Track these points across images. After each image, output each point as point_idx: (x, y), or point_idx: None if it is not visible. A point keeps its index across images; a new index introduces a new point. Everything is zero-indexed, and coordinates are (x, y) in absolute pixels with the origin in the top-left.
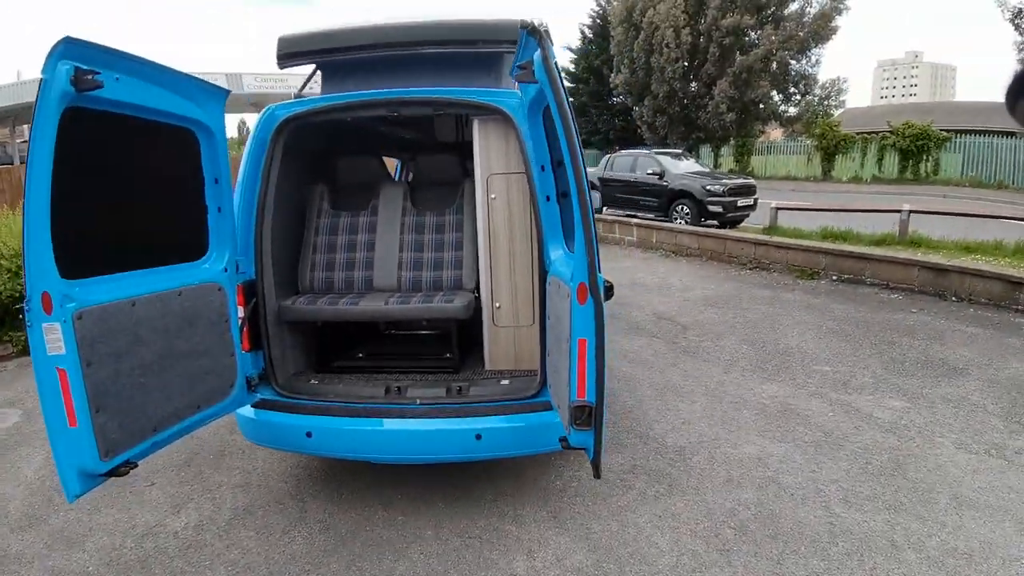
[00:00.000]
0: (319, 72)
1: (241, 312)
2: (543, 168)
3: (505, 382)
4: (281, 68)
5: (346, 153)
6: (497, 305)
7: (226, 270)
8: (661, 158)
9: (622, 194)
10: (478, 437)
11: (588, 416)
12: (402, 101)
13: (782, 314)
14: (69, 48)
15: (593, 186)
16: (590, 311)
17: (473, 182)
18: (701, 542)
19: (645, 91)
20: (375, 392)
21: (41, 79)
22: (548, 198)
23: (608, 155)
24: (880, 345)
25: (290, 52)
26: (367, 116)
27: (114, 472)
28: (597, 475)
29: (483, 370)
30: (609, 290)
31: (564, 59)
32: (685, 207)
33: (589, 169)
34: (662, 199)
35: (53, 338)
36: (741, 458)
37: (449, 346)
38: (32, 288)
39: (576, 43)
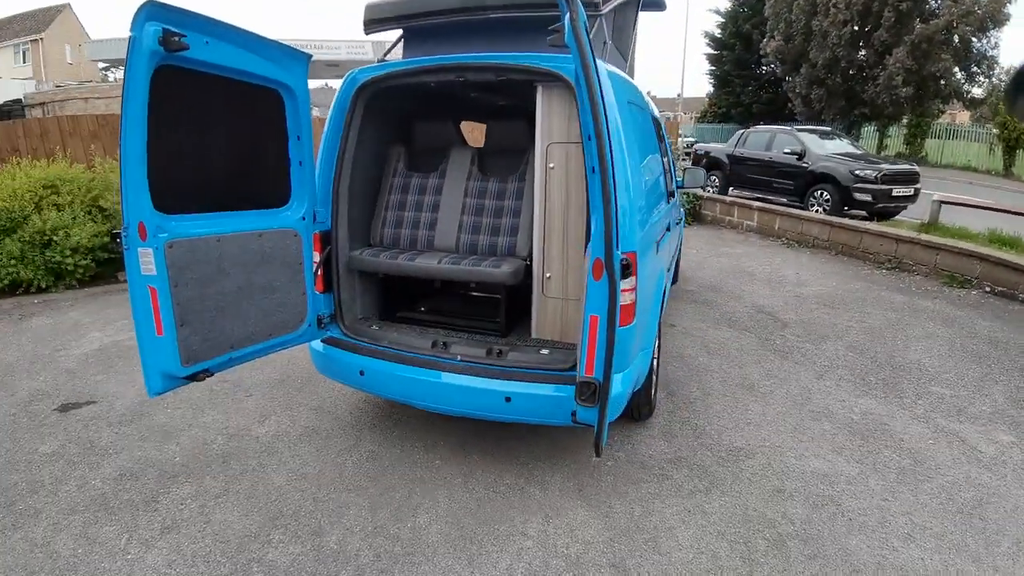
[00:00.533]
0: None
1: (316, 258)
2: (589, 138)
3: (545, 352)
4: (367, 34)
5: (422, 117)
6: (548, 275)
7: (303, 219)
8: (803, 136)
9: (754, 175)
10: (507, 400)
11: (593, 393)
12: (465, 67)
13: (911, 324)
14: (154, 10)
15: (716, 164)
16: (604, 288)
17: (534, 150)
18: (726, 545)
19: (801, 59)
20: (424, 344)
21: (130, 37)
22: (593, 169)
23: (741, 131)
24: (1014, 372)
25: (375, 18)
26: (436, 80)
27: (193, 377)
28: (597, 453)
29: (528, 338)
30: (676, 273)
31: (711, 23)
32: (825, 193)
33: (717, 145)
34: (799, 182)
35: (146, 261)
36: (803, 471)
37: (499, 310)
38: (129, 218)
39: (726, 5)
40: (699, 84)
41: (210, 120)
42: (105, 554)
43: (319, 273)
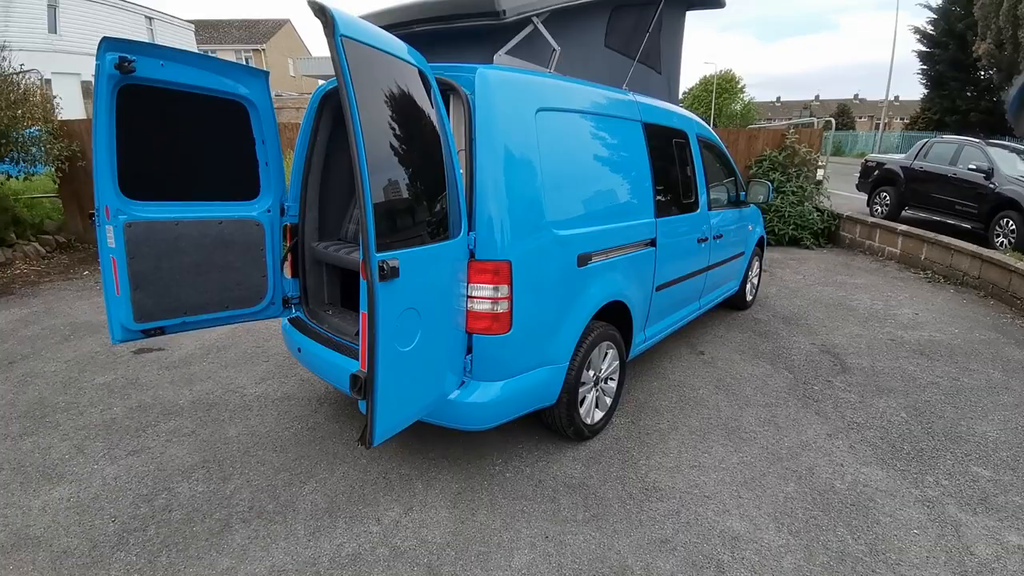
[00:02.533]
0: None
1: (286, 246)
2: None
3: None
4: None
5: None
6: None
7: (268, 211)
8: (993, 151)
9: (933, 193)
10: None
11: (360, 386)
12: None
13: (1015, 388)
14: (110, 43)
15: (888, 178)
16: (364, 288)
17: None
18: (585, 568)
19: (1014, 68)
20: (349, 329)
21: (96, 63)
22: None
23: (924, 139)
24: None
25: None
26: None
27: (147, 332)
28: (363, 444)
29: None
30: (741, 298)
31: (921, 18)
32: (1011, 222)
33: (893, 156)
34: (983, 206)
35: (109, 237)
36: (712, 528)
37: None
38: (99, 202)
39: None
40: (915, 87)
41: (177, 126)
42: (83, 462)
43: (288, 259)
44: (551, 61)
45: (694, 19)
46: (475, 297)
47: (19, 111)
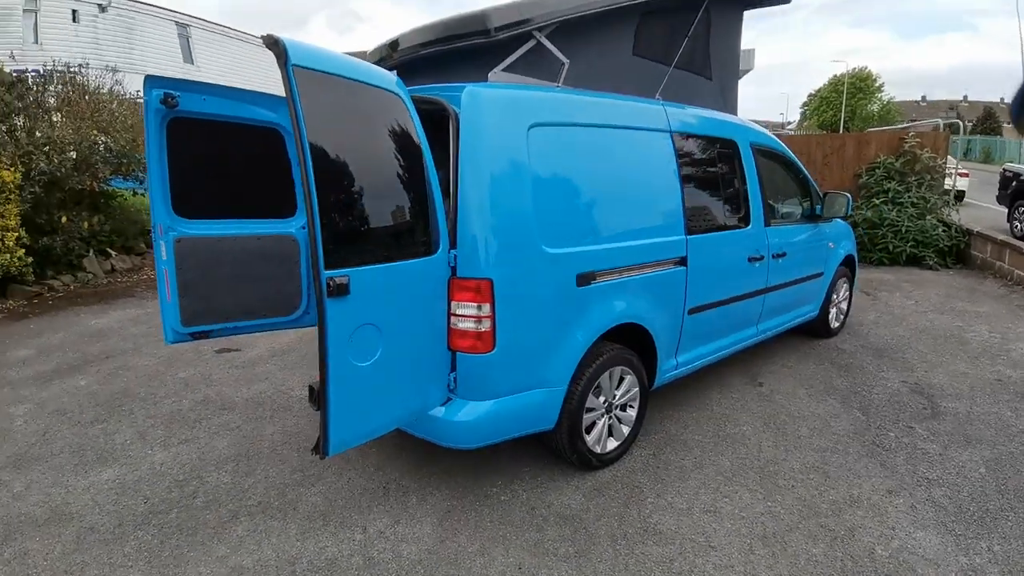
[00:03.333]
0: None
1: None
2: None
3: None
4: None
5: None
6: None
7: (304, 228)
8: None
9: None
10: None
11: (315, 398)
12: None
13: None
14: (155, 80)
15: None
16: (316, 305)
17: None
18: None
19: None
20: None
21: (144, 99)
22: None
23: None
24: None
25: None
26: None
27: (195, 336)
28: (316, 453)
29: None
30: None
31: None
32: None
33: (1019, 166)
34: None
35: (163, 251)
36: None
37: None
38: (155, 221)
39: None
40: None
41: (220, 152)
42: (139, 447)
43: None
44: (560, 75)
45: (817, 16)
46: (458, 315)
47: (140, 137)
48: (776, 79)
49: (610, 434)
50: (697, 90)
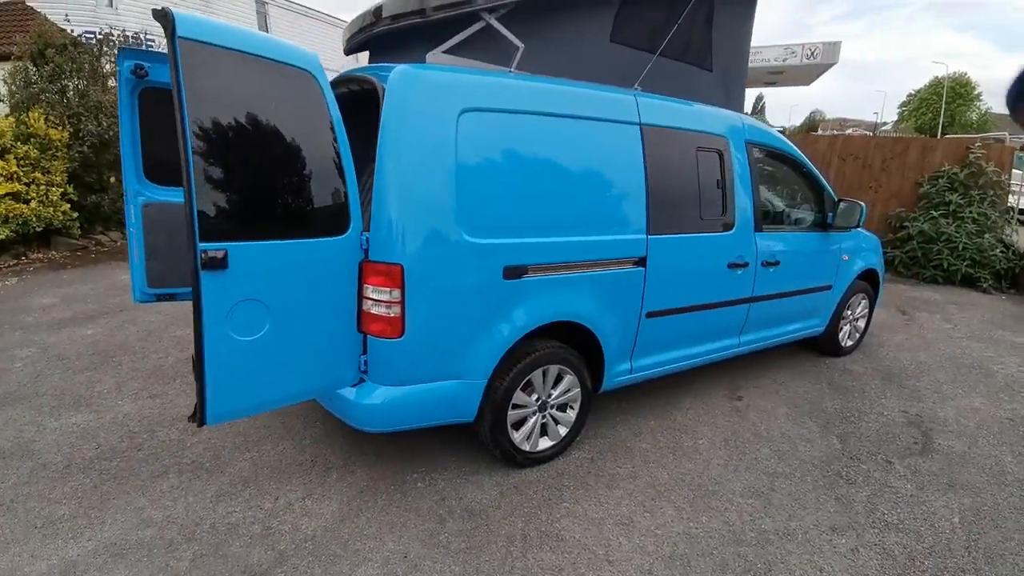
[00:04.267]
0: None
1: None
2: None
3: None
4: (348, 55)
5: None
6: None
7: None
8: None
9: None
10: None
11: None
12: (347, 79)
13: None
14: (127, 54)
15: None
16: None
17: None
18: None
19: None
20: None
21: (116, 69)
22: None
23: None
24: None
25: (346, 47)
26: (340, 94)
27: (159, 297)
28: (193, 421)
29: None
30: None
31: None
32: None
33: None
34: None
35: (131, 214)
36: None
37: None
38: (125, 186)
39: None
40: None
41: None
42: (113, 397)
43: None
44: (513, 60)
45: (923, 14)
46: (369, 298)
47: None
48: (871, 76)
49: (544, 433)
50: (693, 82)
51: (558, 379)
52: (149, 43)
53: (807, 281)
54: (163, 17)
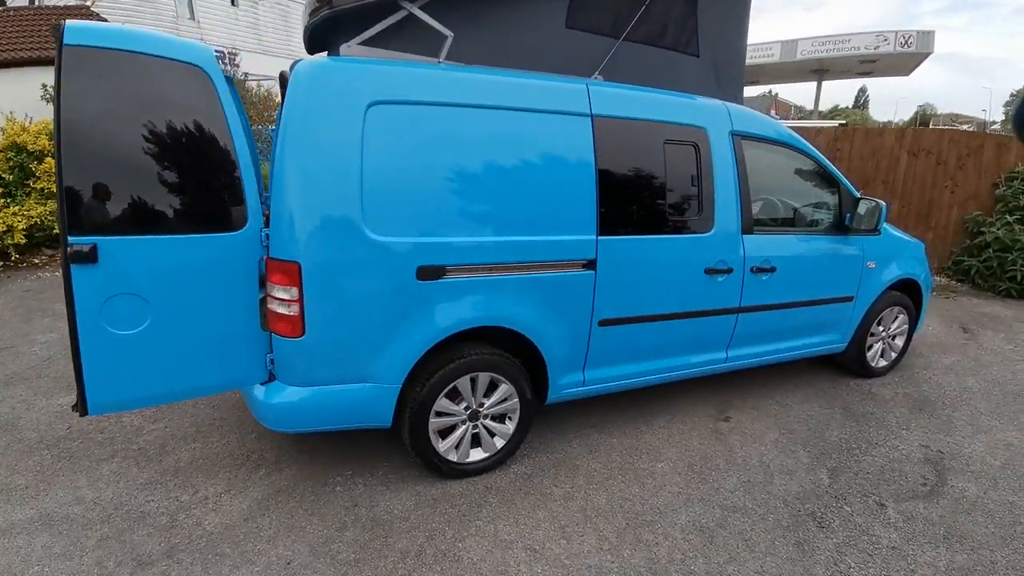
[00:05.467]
0: None
1: None
2: None
3: None
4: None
5: None
6: None
7: None
8: None
9: None
10: None
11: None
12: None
13: None
14: None
15: None
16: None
17: None
18: None
19: None
20: None
21: None
22: None
23: None
24: None
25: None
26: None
27: None
28: (75, 410)
29: None
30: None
31: None
32: None
33: None
34: None
35: None
36: None
37: None
38: None
39: None
40: None
41: None
42: None
43: None
44: (442, 50)
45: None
46: (272, 296)
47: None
48: (976, 71)
49: (477, 444)
50: (675, 70)
51: (493, 387)
52: (233, 56)
53: (817, 291)
54: (56, 30)
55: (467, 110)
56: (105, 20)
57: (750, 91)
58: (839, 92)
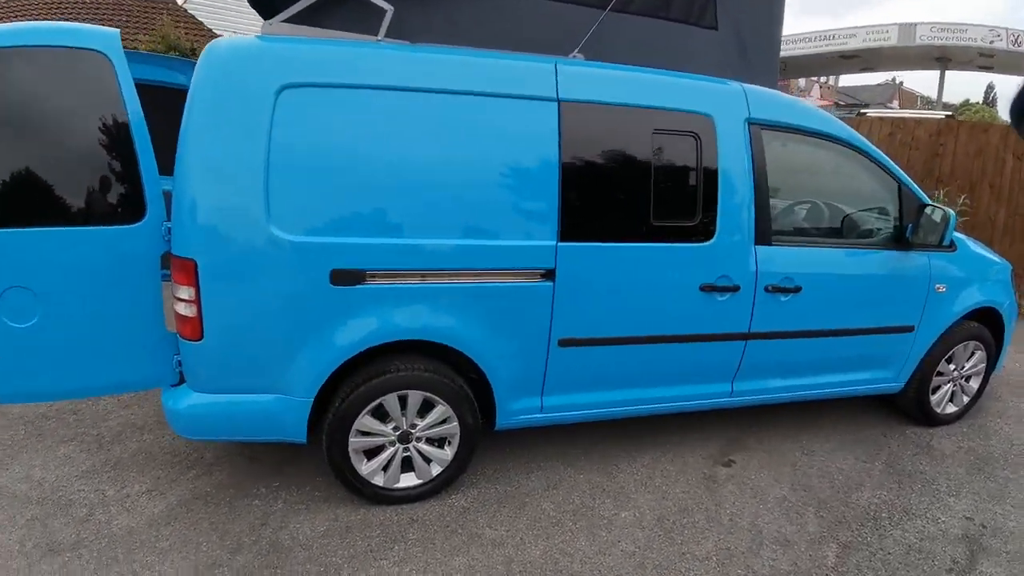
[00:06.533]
0: None
1: None
2: None
3: None
4: None
5: None
6: None
7: None
8: None
9: None
10: None
11: None
12: None
13: None
14: None
15: None
16: None
17: None
18: None
19: None
20: None
21: None
22: None
23: None
24: None
25: None
26: None
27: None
28: None
29: None
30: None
31: None
32: None
33: None
34: None
35: None
36: None
37: None
38: None
39: None
40: None
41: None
42: None
43: None
44: (381, 27)
45: None
46: (176, 296)
47: None
48: None
49: (410, 468)
50: (682, 46)
51: (428, 408)
52: None
53: (862, 317)
54: None
55: (400, 94)
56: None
57: (866, 78)
58: (970, 87)
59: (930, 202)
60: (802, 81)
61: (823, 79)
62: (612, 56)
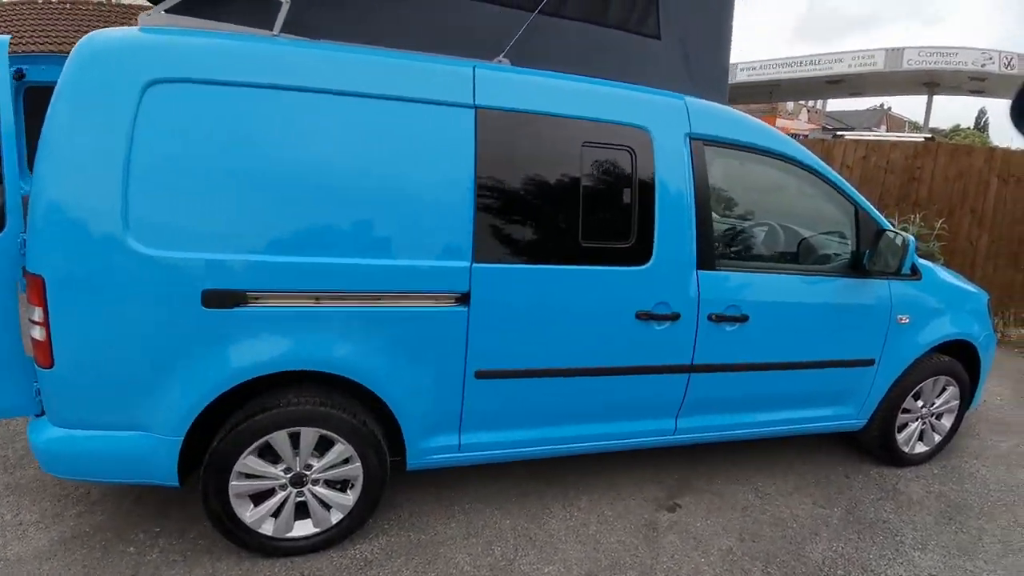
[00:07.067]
0: None
1: None
2: None
3: None
4: None
5: None
6: None
7: None
8: None
9: None
10: None
11: None
12: None
13: None
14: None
15: None
16: None
17: None
18: None
19: None
20: None
21: None
22: None
23: None
24: None
25: None
26: None
27: None
28: None
29: None
30: (880, 443)
31: None
32: None
33: None
34: None
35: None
36: None
37: None
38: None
39: None
40: None
41: None
42: None
43: None
44: (277, 20)
45: None
46: (30, 319)
47: None
48: None
49: (305, 514)
50: (620, 54)
51: (326, 446)
52: None
53: (818, 350)
54: None
55: (294, 94)
56: None
57: (855, 103)
58: (960, 111)
59: (889, 227)
60: (790, 105)
61: (811, 103)
62: (543, 64)
